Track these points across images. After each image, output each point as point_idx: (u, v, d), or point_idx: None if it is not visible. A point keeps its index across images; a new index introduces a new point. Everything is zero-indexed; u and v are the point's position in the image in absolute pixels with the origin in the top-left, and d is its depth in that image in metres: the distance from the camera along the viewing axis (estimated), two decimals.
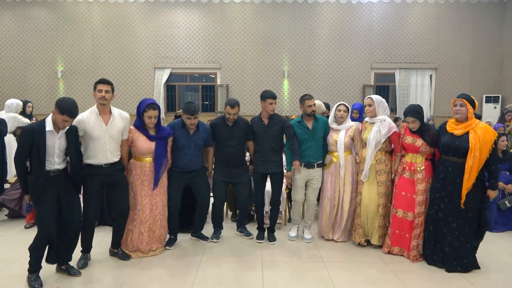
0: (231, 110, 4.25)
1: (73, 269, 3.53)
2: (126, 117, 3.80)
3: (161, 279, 3.49)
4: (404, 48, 11.50)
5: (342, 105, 4.34)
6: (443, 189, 3.68)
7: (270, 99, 4.26)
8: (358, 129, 4.32)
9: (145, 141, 3.84)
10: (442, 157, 3.75)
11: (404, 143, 3.96)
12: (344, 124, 4.32)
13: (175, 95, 11.95)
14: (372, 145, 4.03)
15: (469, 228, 3.62)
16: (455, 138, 3.61)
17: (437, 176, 3.75)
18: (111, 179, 3.68)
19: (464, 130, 3.57)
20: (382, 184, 4.08)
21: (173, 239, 4.32)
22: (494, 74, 11.50)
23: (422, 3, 11.40)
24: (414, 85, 11.61)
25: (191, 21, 11.47)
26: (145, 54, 11.49)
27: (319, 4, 11.43)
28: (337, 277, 3.54)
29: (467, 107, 3.56)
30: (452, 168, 3.63)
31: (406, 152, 3.98)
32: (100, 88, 3.57)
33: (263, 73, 11.54)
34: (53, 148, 3.26)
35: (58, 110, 3.16)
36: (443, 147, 3.68)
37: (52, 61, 11.45)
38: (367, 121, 4.23)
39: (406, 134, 3.95)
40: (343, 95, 11.48)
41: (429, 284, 3.42)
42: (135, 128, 3.88)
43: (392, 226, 4.00)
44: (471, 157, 3.48)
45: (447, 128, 3.72)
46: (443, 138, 3.70)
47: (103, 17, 11.38)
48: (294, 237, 4.49)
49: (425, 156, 3.88)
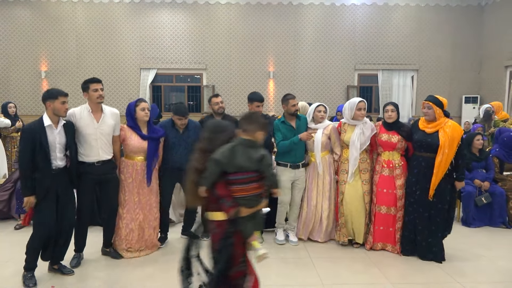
0: (217, 99, 4.39)
1: (65, 268, 3.58)
2: (116, 113, 3.89)
3: (153, 277, 3.57)
4: (386, 49, 11.76)
5: (321, 105, 4.37)
6: (418, 183, 3.91)
7: (257, 102, 4.35)
8: (335, 128, 4.33)
9: (137, 140, 3.90)
10: (416, 153, 3.99)
11: (380, 140, 4.12)
12: (321, 123, 4.34)
13: (161, 95, 11.96)
14: (357, 147, 4.10)
15: (440, 219, 3.89)
16: (427, 135, 3.87)
17: (412, 171, 3.99)
18: (103, 178, 3.74)
19: (434, 128, 3.86)
20: (366, 183, 4.19)
21: (164, 237, 4.38)
22: (473, 75, 11.85)
23: (403, 6, 11.68)
24: (397, 85, 11.88)
25: (177, 22, 11.50)
26: (131, 54, 11.47)
27: (304, 6, 11.60)
28: (324, 271, 3.68)
29: (434, 108, 3.85)
30: (425, 163, 3.88)
31: (383, 150, 4.13)
32: (96, 87, 3.64)
33: (249, 74, 11.65)
34: (54, 143, 3.33)
35: (50, 97, 3.27)
36: (417, 144, 3.94)
37: (36, 61, 11.32)
38: (345, 122, 4.28)
39: (381, 132, 4.13)
40: (327, 96, 11.67)
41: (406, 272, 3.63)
42: (128, 127, 3.95)
43: (375, 223, 4.14)
44: (441, 153, 3.76)
45: (420, 126, 3.98)
46: (416, 136, 3.96)
47: (87, 17, 11.32)
48: (283, 241, 4.42)
49: (401, 153, 4.09)
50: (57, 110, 3.30)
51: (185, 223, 4.56)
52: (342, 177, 4.25)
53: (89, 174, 3.66)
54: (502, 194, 5.07)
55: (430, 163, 3.84)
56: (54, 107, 3.29)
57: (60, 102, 3.30)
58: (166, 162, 4.22)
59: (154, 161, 4.02)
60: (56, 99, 3.28)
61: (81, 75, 11.12)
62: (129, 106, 3.98)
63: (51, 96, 3.29)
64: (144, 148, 3.92)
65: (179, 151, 4.19)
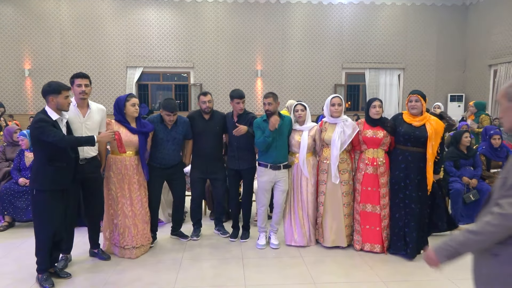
0: (205, 98, 4.34)
1: (62, 272, 3.48)
2: (102, 109, 3.82)
3: (142, 278, 3.51)
4: (373, 48, 11.84)
5: (299, 104, 4.19)
6: (407, 177, 3.90)
7: (237, 99, 4.31)
8: (318, 129, 4.22)
9: (125, 133, 3.80)
10: (400, 147, 3.95)
11: (365, 137, 4.02)
12: (306, 124, 4.18)
13: (147, 94, 11.84)
14: (337, 146, 4.00)
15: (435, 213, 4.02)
16: (414, 128, 3.86)
17: (399, 166, 3.94)
18: (87, 177, 3.65)
19: (421, 122, 3.86)
20: (345, 183, 4.10)
21: (153, 236, 4.31)
22: (458, 74, 12.03)
23: (390, 5, 11.77)
24: (383, 84, 11.99)
25: (164, 19, 11.38)
26: (117, 52, 11.32)
27: (291, 4, 11.60)
28: (315, 271, 3.67)
29: (421, 102, 3.85)
30: (411, 157, 3.88)
31: (367, 147, 4.05)
32: (79, 83, 3.56)
33: (237, 72, 11.60)
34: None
35: (54, 92, 3.19)
36: (404, 137, 3.89)
37: (19, 59, 11.08)
38: (326, 121, 4.18)
39: (365, 129, 4.04)
40: (315, 94, 11.70)
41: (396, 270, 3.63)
42: (115, 121, 3.87)
43: (361, 223, 4.08)
44: (430, 145, 3.80)
45: (405, 119, 3.94)
46: (402, 129, 3.91)
47: (72, 14, 11.12)
48: (263, 246, 4.23)
49: (385, 149, 4.05)
50: (60, 105, 3.21)
51: (174, 223, 4.51)
52: (322, 177, 4.16)
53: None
54: (490, 191, 5.11)
55: (416, 156, 3.85)
56: (58, 102, 3.19)
57: (64, 97, 3.21)
58: (153, 159, 4.15)
59: (145, 155, 3.97)
60: (59, 93, 3.18)
61: (65, 73, 10.93)
62: (118, 100, 3.88)
63: (54, 91, 3.18)
64: (133, 142, 3.84)
65: (167, 147, 4.13)
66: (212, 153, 4.38)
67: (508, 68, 9.99)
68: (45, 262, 3.31)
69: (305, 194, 4.20)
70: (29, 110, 11.14)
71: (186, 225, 4.72)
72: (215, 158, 4.43)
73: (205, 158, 4.37)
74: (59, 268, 3.56)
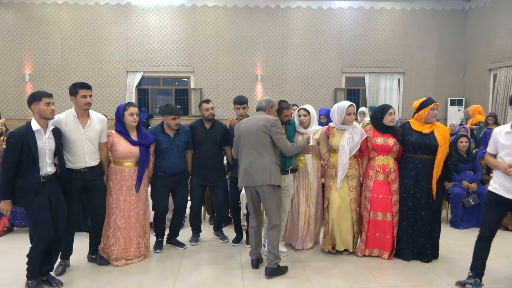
0: (207, 105, 4.35)
1: (54, 280, 3.45)
2: (103, 119, 3.81)
3: (141, 284, 3.50)
4: (373, 53, 11.85)
5: (302, 109, 4.17)
6: (416, 185, 3.91)
7: (237, 104, 4.35)
8: (324, 133, 4.19)
9: (125, 145, 3.80)
10: (410, 155, 3.95)
11: (375, 144, 3.98)
12: (310, 128, 4.17)
13: (147, 98, 11.86)
14: (346, 152, 3.97)
15: (435, 218, 4.00)
16: (424, 136, 3.86)
17: (408, 174, 3.94)
18: (90, 184, 3.65)
19: (430, 129, 3.88)
20: (353, 189, 4.07)
21: (161, 241, 4.33)
22: (458, 78, 12.02)
23: (390, 9, 11.80)
24: (383, 88, 11.98)
25: (164, 25, 11.41)
26: (117, 57, 11.34)
27: (291, 9, 11.63)
28: (315, 277, 3.65)
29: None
30: (422, 165, 3.88)
31: (377, 154, 4.02)
32: (85, 94, 3.56)
33: (237, 77, 11.62)
34: (44, 149, 3.23)
35: (34, 100, 3.20)
36: (414, 146, 3.88)
37: (19, 64, 11.10)
38: (333, 126, 4.16)
39: (375, 136, 4.01)
40: (315, 99, 11.70)
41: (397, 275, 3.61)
42: (116, 132, 3.86)
43: (369, 230, 4.03)
44: (440, 152, 3.81)
45: (414, 128, 3.94)
46: (411, 138, 3.90)
47: (73, 20, 11.15)
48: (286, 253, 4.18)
49: (394, 156, 4.04)
50: (42, 112, 3.20)
51: (171, 231, 4.45)
52: (328, 183, 4.14)
53: (76, 181, 3.57)
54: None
55: (426, 164, 3.86)
56: (39, 110, 3.19)
57: (45, 104, 3.20)
58: (158, 168, 4.15)
59: (145, 168, 3.96)
60: (40, 101, 3.19)
61: (66, 79, 10.96)
62: (118, 109, 3.89)
63: (35, 98, 3.20)
64: (133, 153, 3.83)
65: (172, 155, 4.14)
66: (213, 162, 4.40)
67: (508, 72, 9.98)
68: (36, 270, 3.28)
69: (308, 198, 4.18)
70: (29, 115, 11.14)
71: (185, 230, 4.71)
72: (215, 166, 4.44)
73: (206, 167, 4.38)
74: (57, 273, 3.55)
